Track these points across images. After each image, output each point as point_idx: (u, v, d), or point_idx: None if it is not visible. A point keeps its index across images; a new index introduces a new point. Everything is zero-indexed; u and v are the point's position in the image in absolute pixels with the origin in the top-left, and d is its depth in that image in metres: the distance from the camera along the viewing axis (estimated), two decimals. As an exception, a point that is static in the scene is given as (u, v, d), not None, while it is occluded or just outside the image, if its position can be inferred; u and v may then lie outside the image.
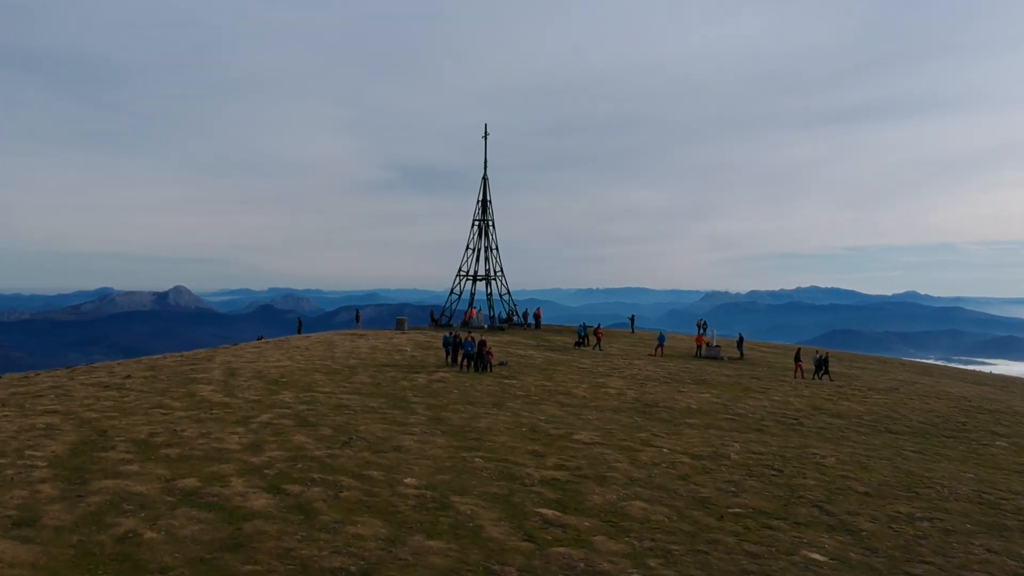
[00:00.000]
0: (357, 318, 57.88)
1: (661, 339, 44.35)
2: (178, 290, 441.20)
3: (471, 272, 58.36)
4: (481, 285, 58.66)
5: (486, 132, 58.10)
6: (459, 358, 32.96)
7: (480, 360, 31.86)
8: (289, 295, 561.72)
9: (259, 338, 41.29)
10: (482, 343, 33.38)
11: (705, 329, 66.56)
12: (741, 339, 46.71)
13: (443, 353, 35.30)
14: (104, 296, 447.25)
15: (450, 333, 34.89)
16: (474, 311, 58.10)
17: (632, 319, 61.24)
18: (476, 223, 58.26)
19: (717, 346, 45.27)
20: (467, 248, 58.42)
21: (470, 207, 58.58)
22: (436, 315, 58.11)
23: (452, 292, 58.35)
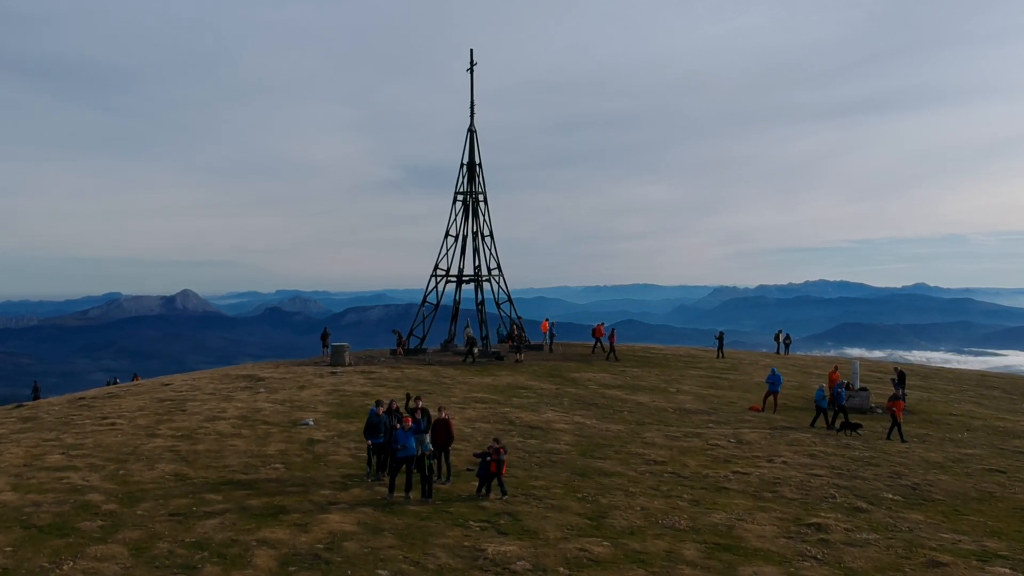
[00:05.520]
0: (324, 340, 38.56)
1: (775, 383, 24.27)
2: (185, 294, 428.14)
3: (452, 270, 38.50)
4: (469, 289, 39.15)
5: (472, 63, 38.75)
6: (388, 466, 14.65)
7: (450, 476, 13.96)
8: (297, 297, 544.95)
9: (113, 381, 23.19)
10: (442, 424, 14.95)
11: (788, 344, 44.97)
12: (902, 376, 27.08)
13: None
14: (112, 301, 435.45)
15: (380, 406, 16.01)
16: (547, 322, 39.82)
17: (720, 337, 40.41)
18: (460, 197, 38.52)
19: (864, 389, 26.08)
20: (447, 235, 38.54)
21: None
22: (404, 337, 37.05)
23: (425, 301, 38.11)
